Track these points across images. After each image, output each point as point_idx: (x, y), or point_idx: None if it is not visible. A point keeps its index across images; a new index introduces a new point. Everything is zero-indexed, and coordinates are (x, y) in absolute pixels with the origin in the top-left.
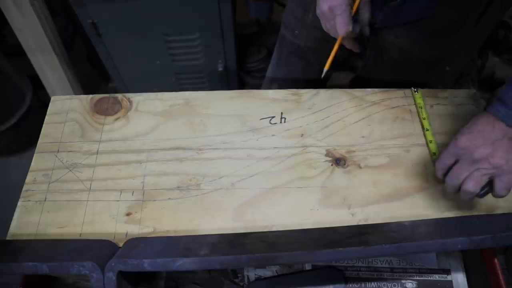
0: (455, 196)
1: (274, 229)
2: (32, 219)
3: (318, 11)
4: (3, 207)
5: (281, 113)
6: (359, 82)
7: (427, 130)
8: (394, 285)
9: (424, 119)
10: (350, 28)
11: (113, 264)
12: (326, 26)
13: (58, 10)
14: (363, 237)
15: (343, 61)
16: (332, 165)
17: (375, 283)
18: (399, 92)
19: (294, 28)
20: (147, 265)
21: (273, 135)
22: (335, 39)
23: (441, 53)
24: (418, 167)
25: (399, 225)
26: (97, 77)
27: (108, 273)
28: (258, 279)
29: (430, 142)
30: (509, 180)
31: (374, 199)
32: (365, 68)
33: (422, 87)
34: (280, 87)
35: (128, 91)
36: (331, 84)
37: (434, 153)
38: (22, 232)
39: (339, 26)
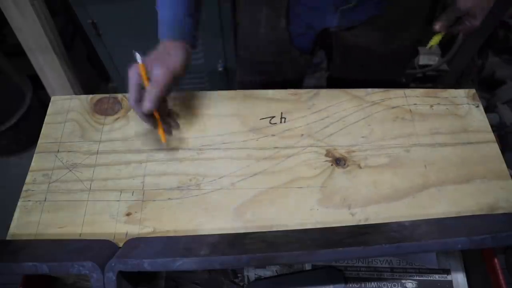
0: (455, 196)
1: (274, 229)
2: (32, 219)
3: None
4: (3, 207)
5: (281, 113)
6: (333, 82)
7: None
8: (394, 285)
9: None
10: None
11: (113, 264)
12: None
13: (58, 10)
14: (363, 237)
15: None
16: (332, 165)
17: (375, 283)
18: (399, 92)
19: (249, 46)
20: (147, 265)
21: (273, 135)
22: (288, 50)
23: (402, 45)
24: (418, 167)
25: (399, 225)
26: (97, 77)
27: (108, 273)
28: (258, 279)
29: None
30: None
31: (374, 199)
32: (334, 69)
33: (394, 84)
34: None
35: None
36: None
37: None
38: (22, 232)
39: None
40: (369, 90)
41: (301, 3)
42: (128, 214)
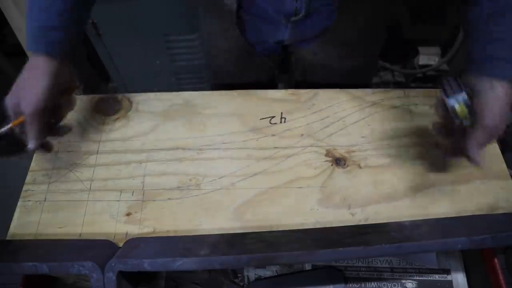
0: (455, 196)
1: (274, 229)
2: (32, 219)
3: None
4: (3, 207)
5: (281, 113)
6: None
7: None
8: (394, 285)
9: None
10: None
11: (113, 264)
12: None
13: None
14: (363, 237)
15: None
16: (332, 165)
17: (375, 283)
18: (399, 92)
19: (211, 53)
20: (147, 265)
21: (273, 135)
22: (251, 55)
23: (361, 61)
24: (418, 167)
25: (400, 225)
26: (97, 77)
27: (108, 273)
28: (258, 279)
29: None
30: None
31: (374, 199)
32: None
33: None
34: None
35: (128, 91)
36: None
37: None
38: (22, 232)
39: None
40: (369, 90)
41: (250, 13)
42: (128, 214)
